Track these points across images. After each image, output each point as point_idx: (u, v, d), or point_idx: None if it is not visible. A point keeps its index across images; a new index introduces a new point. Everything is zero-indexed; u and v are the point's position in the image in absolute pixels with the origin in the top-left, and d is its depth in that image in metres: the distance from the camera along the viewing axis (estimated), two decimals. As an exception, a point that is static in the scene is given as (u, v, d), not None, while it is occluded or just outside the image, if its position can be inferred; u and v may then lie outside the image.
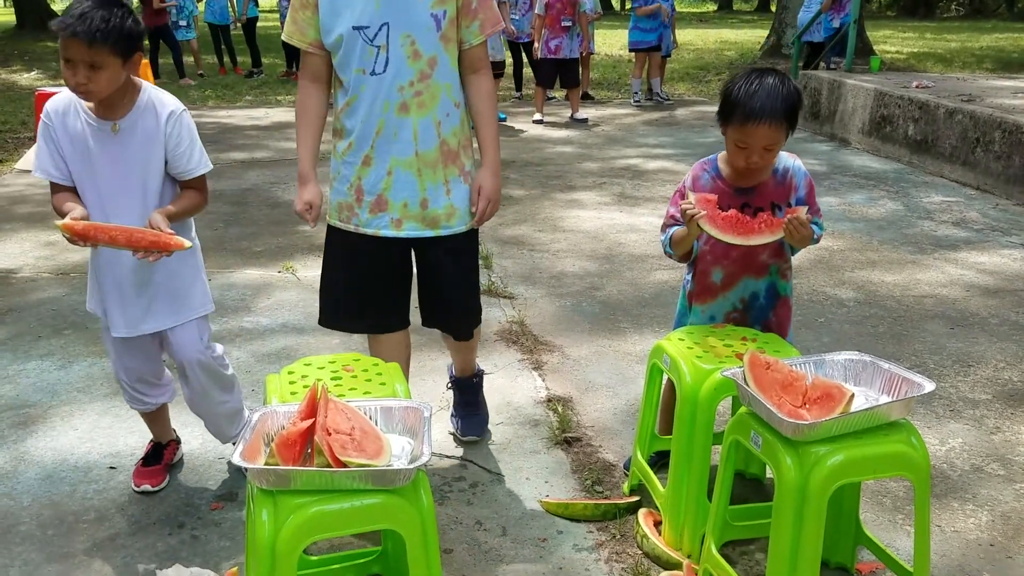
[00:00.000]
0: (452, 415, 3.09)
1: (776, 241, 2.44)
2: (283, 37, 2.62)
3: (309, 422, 1.78)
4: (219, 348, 2.66)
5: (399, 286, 2.73)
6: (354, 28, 2.41)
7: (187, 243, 2.30)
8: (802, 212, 2.31)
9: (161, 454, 2.76)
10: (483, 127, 2.63)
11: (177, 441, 2.88)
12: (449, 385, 3.14)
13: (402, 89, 2.45)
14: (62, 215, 2.30)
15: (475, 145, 2.69)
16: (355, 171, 2.55)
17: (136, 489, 2.69)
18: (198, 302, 2.56)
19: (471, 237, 2.71)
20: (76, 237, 2.21)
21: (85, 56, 2.19)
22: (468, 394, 3.05)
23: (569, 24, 9.52)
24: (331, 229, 2.69)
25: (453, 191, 2.59)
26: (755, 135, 2.31)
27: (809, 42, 11.03)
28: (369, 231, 2.59)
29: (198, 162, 2.44)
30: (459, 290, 2.74)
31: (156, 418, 2.75)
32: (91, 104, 2.33)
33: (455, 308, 2.77)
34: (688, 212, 2.35)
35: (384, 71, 2.43)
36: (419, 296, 2.79)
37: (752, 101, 2.30)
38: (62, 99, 2.37)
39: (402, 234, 2.58)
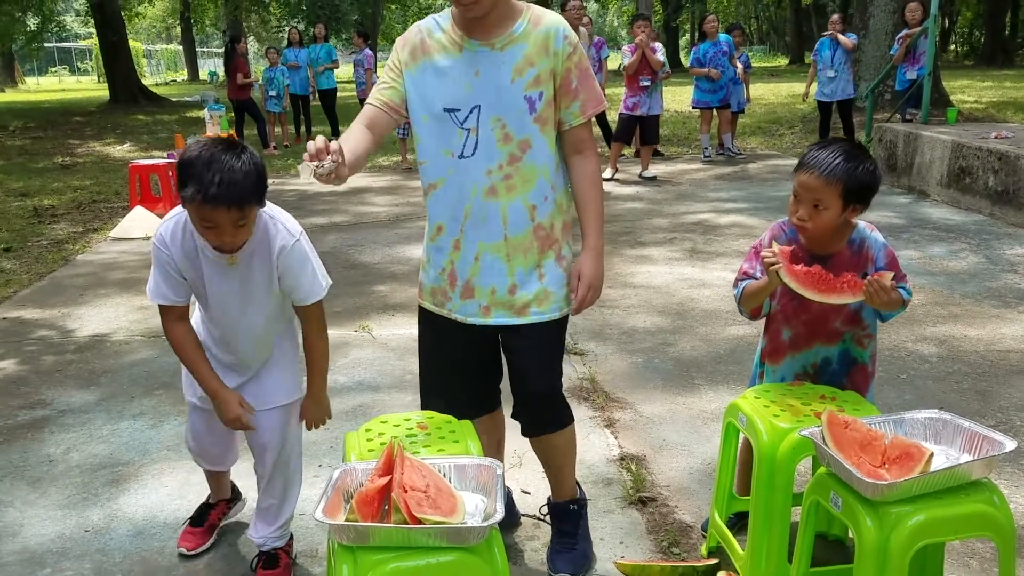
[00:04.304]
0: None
1: (851, 308, 2.44)
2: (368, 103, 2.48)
3: (386, 479, 1.83)
4: (297, 448, 2.62)
5: (490, 373, 2.65)
6: (445, 110, 2.32)
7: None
8: (887, 276, 2.28)
9: (207, 515, 2.80)
10: (586, 210, 2.46)
11: (232, 500, 2.89)
12: (544, 512, 2.82)
13: (490, 173, 2.33)
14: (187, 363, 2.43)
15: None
16: (447, 256, 2.43)
17: (178, 549, 2.74)
18: (287, 390, 2.54)
19: (559, 327, 2.52)
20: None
21: (236, 219, 2.16)
22: (565, 523, 2.69)
23: (648, 84, 9.65)
24: (424, 312, 2.58)
25: (547, 275, 2.43)
26: (803, 183, 2.36)
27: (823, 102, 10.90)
28: (459, 317, 2.46)
29: (308, 292, 2.41)
30: (539, 381, 2.54)
31: (215, 474, 2.79)
32: None
33: (532, 399, 2.57)
34: (767, 261, 2.36)
35: (473, 154, 2.33)
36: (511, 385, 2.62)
37: (811, 152, 2.38)
38: (173, 227, 2.32)
39: (490, 322, 2.44)
